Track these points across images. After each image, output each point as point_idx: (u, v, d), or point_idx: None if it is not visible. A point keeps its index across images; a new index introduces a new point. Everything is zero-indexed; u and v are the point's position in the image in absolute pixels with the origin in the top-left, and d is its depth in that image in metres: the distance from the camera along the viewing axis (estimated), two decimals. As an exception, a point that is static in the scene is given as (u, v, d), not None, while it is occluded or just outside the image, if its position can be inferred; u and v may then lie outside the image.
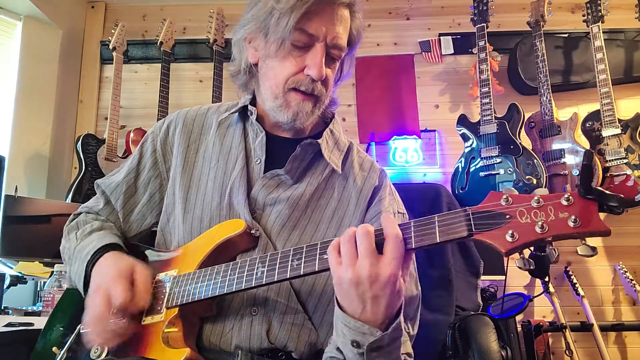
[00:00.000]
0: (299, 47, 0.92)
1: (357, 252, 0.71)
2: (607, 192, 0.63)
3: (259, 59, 0.99)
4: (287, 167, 0.98)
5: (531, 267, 0.68)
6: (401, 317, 0.74)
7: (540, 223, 0.64)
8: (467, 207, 0.70)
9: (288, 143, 1.01)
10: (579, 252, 0.64)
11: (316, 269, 0.77)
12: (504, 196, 0.68)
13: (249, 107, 1.04)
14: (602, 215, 0.64)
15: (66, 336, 0.96)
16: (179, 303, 0.86)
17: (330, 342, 0.86)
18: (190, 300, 0.85)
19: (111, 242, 0.97)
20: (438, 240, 0.70)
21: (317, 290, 0.94)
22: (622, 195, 0.62)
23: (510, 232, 0.65)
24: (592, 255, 0.64)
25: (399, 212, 1.03)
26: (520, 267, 0.68)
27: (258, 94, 1.05)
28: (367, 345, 0.72)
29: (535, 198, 0.66)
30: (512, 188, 0.69)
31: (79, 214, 1.11)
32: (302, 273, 0.78)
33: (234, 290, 0.82)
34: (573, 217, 0.63)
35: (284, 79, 0.94)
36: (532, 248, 0.71)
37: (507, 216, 0.67)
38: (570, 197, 0.64)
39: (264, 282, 0.80)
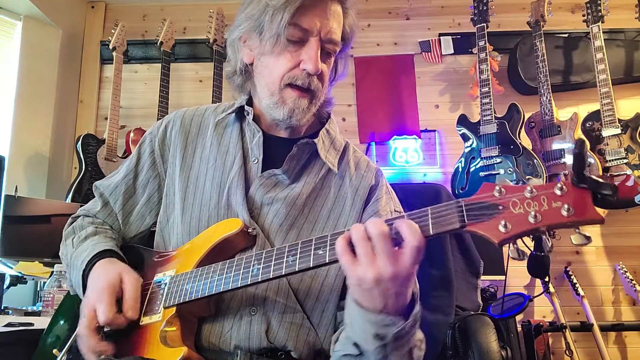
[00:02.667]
0: (293, 42, 0.93)
1: (373, 250, 0.69)
2: (600, 180, 0.62)
3: (254, 58, 1.00)
4: (284, 167, 0.98)
5: (525, 257, 0.67)
6: (418, 304, 0.74)
7: (533, 213, 0.64)
8: (460, 199, 0.69)
9: (285, 143, 1.02)
10: (573, 242, 0.64)
11: (311, 265, 0.76)
12: (497, 187, 0.68)
13: (246, 107, 1.04)
14: (603, 212, 0.64)
15: (67, 338, 0.96)
16: (176, 302, 0.86)
17: (338, 339, 0.86)
18: (187, 300, 0.85)
19: (104, 248, 0.97)
20: (431, 232, 0.69)
21: (315, 290, 0.94)
22: (615, 183, 0.62)
23: (503, 222, 0.65)
24: (586, 244, 0.64)
25: (395, 211, 1.04)
26: (514, 258, 0.68)
27: (254, 94, 1.05)
28: (391, 336, 0.72)
29: (528, 188, 0.66)
30: (507, 180, 0.69)
31: (77, 217, 1.11)
32: (297, 269, 0.77)
33: (230, 288, 0.82)
34: (566, 206, 0.62)
35: (279, 75, 0.95)
36: (532, 248, 0.71)
37: (500, 207, 0.66)
38: (564, 187, 0.64)
39: (259, 279, 0.80)
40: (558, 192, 0.64)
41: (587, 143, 2.58)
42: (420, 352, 0.82)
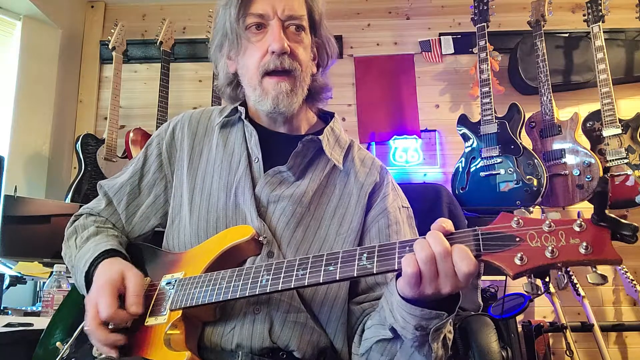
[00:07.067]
0: (255, 33, 0.96)
1: (437, 271, 0.69)
2: (621, 220, 0.62)
3: (236, 65, 1.03)
4: (289, 164, 0.98)
5: (539, 292, 0.68)
6: (461, 294, 0.75)
7: (550, 248, 0.63)
8: (477, 227, 0.70)
9: (285, 139, 1.03)
10: (589, 280, 0.64)
11: (321, 281, 0.76)
12: (515, 218, 0.67)
13: (239, 107, 1.06)
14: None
15: (71, 331, 0.96)
16: (182, 306, 0.86)
17: (367, 328, 0.88)
18: (194, 304, 0.85)
19: (106, 248, 0.96)
20: None
21: (321, 291, 0.94)
22: (636, 224, 0.61)
23: (519, 255, 0.64)
24: (602, 284, 0.64)
25: (403, 207, 1.04)
26: (527, 292, 0.68)
27: (247, 97, 1.07)
28: (432, 327, 0.73)
29: (547, 222, 0.65)
30: (524, 210, 0.68)
31: (80, 215, 1.11)
32: (306, 284, 0.77)
33: (238, 296, 0.82)
34: (584, 243, 0.62)
35: (254, 67, 0.97)
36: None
37: (517, 239, 0.66)
38: (583, 223, 0.63)
39: (267, 290, 0.80)
40: (577, 229, 0.63)
41: (610, 181, 2.53)
42: (450, 335, 0.84)
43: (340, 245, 0.97)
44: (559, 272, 0.69)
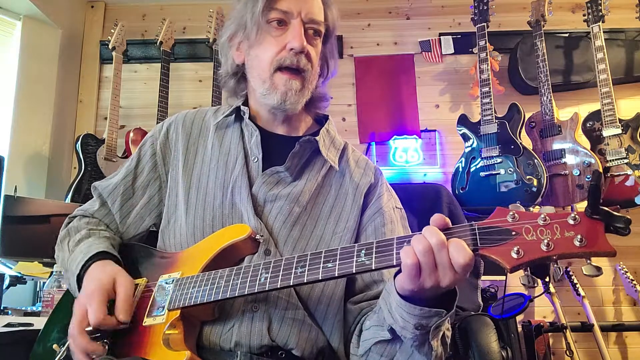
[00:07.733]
0: (276, 27, 0.98)
1: (435, 262, 0.69)
2: (614, 212, 0.63)
3: (244, 57, 1.04)
4: (286, 164, 0.99)
5: (535, 286, 0.69)
6: (457, 291, 0.76)
7: (546, 241, 0.64)
8: (474, 222, 0.70)
9: (283, 140, 1.04)
10: (584, 272, 0.65)
11: (319, 278, 0.77)
12: (511, 212, 0.69)
13: (242, 107, 1.06)
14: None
15: (66, 335, 0.96)
16: (181, 305, 0.86)
17: (366, 329, 0.88)
18: (192, 304, 0.85)
19: (97, 250, 0.96)
20: None
21: (318, 289, 0.95)
22: (628, 217, 0.62)
23: (515, 248, 0.65)
24: (597, 275, 0.65)
25: (397, 207, 1.06)
26: (524, 284, 0.69)
27: (249, 92, 1.08)
28: (432, 326, 0.74)
29: (542, 216, 0.66)
30: (519, 205, 0.69)
31: (74, 217, 1.11)
32: (305, 281, 0.78)
33: (236, 295, 0.82)
34: (579, 236, 0.63)
35: (268, 60, 0.98)
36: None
37: (513, 232, 0.67)
38: (577, 217, 0.65)
39: (267, 289, 0.81)
40: (571, 222, 0.65)
41: (602, 175, 2.51)
42: (448, 332, 0.84)
43: (337, 244, 0.97)
44: (555, 265, 0.70)
